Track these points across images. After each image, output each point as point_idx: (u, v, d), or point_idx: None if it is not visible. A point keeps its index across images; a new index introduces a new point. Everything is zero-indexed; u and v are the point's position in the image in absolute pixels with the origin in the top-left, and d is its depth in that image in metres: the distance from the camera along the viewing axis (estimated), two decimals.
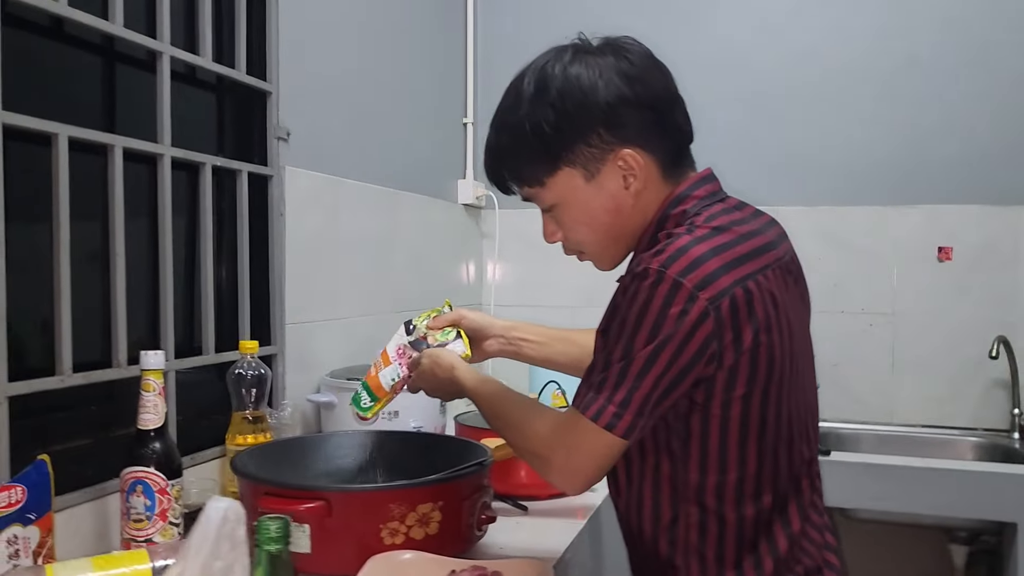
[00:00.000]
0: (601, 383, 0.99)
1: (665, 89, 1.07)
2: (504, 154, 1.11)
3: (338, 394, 1.69)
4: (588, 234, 1.11)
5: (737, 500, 1.02)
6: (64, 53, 1.31)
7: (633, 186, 1.06)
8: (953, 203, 2.45)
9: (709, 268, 0.95)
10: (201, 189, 1.51)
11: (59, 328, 1.20)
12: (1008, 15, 2.40)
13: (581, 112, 1.03)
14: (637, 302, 0.97)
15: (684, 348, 0.95)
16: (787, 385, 1.03)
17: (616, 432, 0.97)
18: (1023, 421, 2.36)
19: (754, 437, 1.01)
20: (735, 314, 0.96)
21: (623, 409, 0.97)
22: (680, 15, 2.63)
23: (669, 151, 1.08)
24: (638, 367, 0.96)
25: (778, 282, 1.03)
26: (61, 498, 1.13)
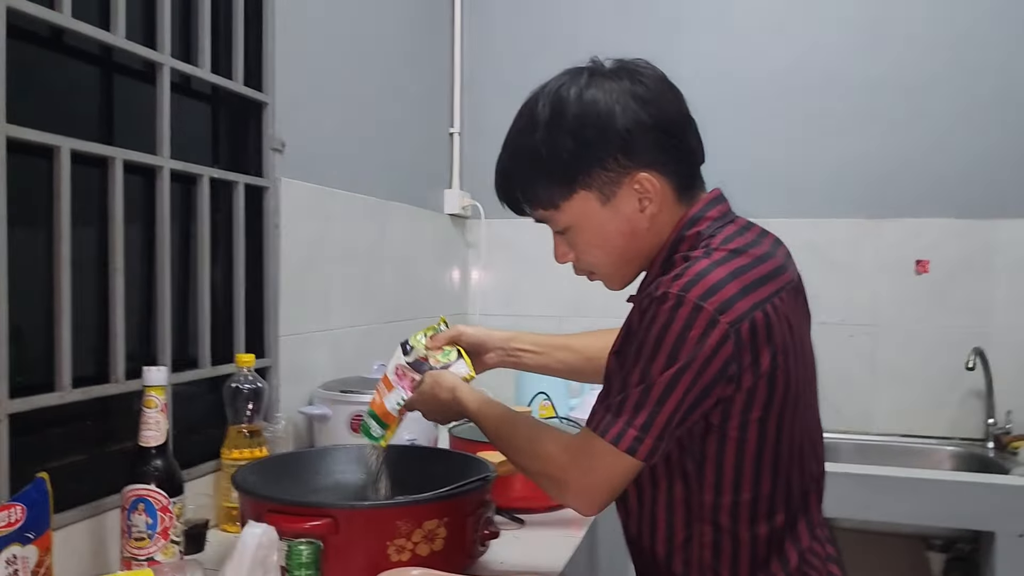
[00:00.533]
0: (620, 406, 0.99)
1: (679, 112, 1.08)
2: (519, 177, 1.11)
3: (331, 406, 1.69)
4: (602, 256, 1.12)
5: (751, 519, 1.03)
6: (63, 64, 1.29)
7: (648, 209, 1.06)
8: (931, 216, 2.50)
9: (729, 292, 0.97)
10: (198, 201, 1.50)
11: (59, 343, 1.19)
12: (984, 35, 2.46)
13: (598, 137, 1.03)
14: (656, 325, 0.97)
15: (704, 371, 0.96)
16: (801, 405, 1.05)
17: (637, 456, 0.98)
18: (998, 431, 2.41)
19: (769, 458, 1.03)
20: (754, 337, 0.97)
21: (644, 433, 0.97)
22: (663, 31, 2.66)
23: (683, 174, 1.09)
24: (659, 391, 0.97)
25: (791, 304, 1.04)
26: (58, 516, 1.12)
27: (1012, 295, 2.45)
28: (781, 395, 1.01)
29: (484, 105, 2.81)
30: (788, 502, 1.05)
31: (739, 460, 1.02)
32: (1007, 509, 2.01)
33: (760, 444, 1.02)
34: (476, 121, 2.81)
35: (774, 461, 1.03)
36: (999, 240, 2.46)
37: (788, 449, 1.04)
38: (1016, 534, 2.00)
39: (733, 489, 1.03)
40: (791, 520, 1.06)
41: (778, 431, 1.02)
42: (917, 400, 2.52)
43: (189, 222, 1.53)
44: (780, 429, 1.02)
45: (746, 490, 1.03)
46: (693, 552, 1.06)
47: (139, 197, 1.40)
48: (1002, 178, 2.45)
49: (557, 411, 1.96)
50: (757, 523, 1.04)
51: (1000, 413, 2.42)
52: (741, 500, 1.03)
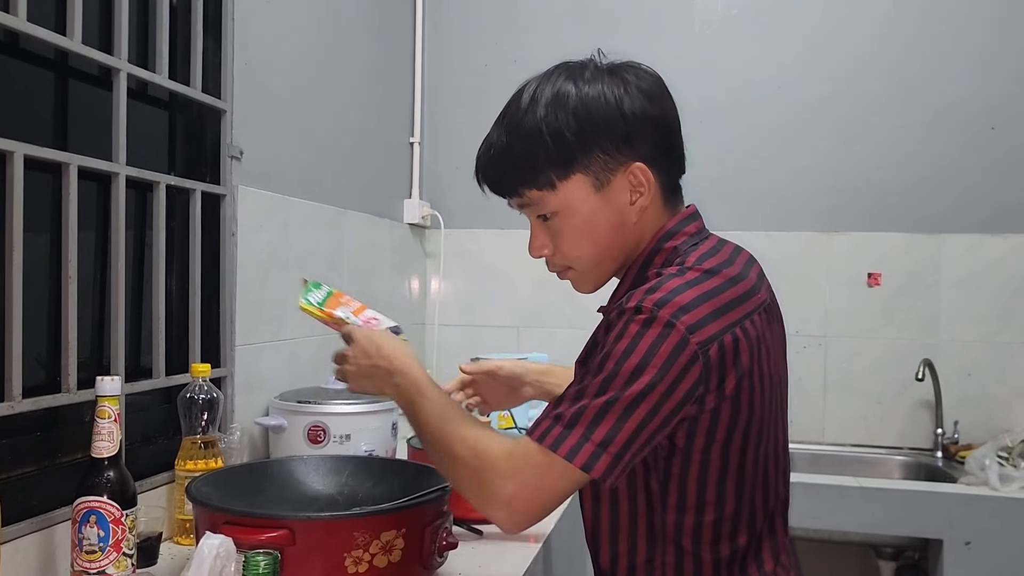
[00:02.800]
0: (575, 418, 0.94)
1: (675, 115, 1.10)
2: (517, 154, 1.07)
3: (287, 417, 1.67)
4: (586, 247, 1.09)
5: (714, 541, 1.02)
6: (18, 68, 1.27)
7: (639, 202, 1.06)
8: (881, 231, 2.56)
9: (701, 313, 0.95)
10: (154, 208, 1.48)
11: (10, 352, 1.16)
12: (933, 55, 2.53)
13: (604, 120, 1.03)
14: (625, 338, 0.94)
15: (672, 392, 0.93)
16: (767, 427, 1.03)
17: (593, 473, 0.93)
18: (946, 441, 2.47)
19: (733, 479, 1.01)
20: (722, 360, 0.95)
21: (602, 449, 0.93)
22: (619, 43, 2.66)
23: (672, 176, 1.10)
24: (621, 407, 0.93)
25: (763, 326, 1.02)
26: (7, 529, 1.09)
27: (959, 308, 2.51)
28: (746, 418, 0.99)
29: (444, 115, 2.82)
30: (752, 524, 1.04)
31: (702, 481, 1.00)
32: (954, 517, 2.06)
33: (723, 464, 1.00)
34: (436, 131, 2.81)
35: (738, 483, 1.02)
36: (947, 254, 2.53)
37: (753, 471, 1.03)
38: (963, 541, 2.05)
39: (696, 510, 1.01)
40: (755, 542, 1.05)
41: (742, 452, 1.01)
42: (867, 410, 2.58)
43: (144, 230, 1.51)
44: (744, 451, 1.01)
45: (710, 511, 1.01)
46: (655, 572, 1.05)
47: (94, 204, 1.38)
48: (949, 194, 2.52)
49: (516, 422, 1.96)
50: (720, 544, 1.02)
51: (948, 423, 2.48)
52: (704, 521, 1.01)
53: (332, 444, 1.64)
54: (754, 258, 1.13)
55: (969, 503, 2.06)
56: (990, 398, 2.49)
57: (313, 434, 1.65)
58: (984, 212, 2.50)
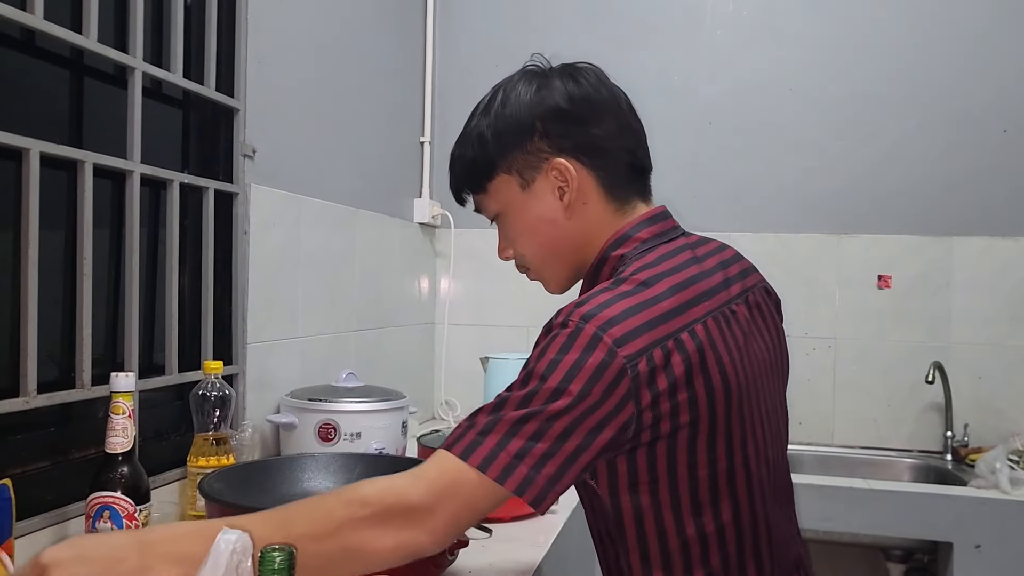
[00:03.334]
0: (490, 426, 0.88)
1: (611, 110, 1.07)
2: (455, 162, 1.14)
3: (298, 415, 1.68)
4: (527, 246, 1.11)
5: (687, 564, 0.97)
6: (34, 66, 1.28)
7: (567, 198, 1.05)
8: (893, 233, 2.56)
9: (630, 326, 0.90)
10: (168, 206, 1.49)
11: (25, 348, 1.17)
12: (949, 58, 2.52)
13: (519, 119, 1.05)
14: (550, 352, 0.90)
15: (597, 408, 0.87)
16: (735, 437, 0.96)
17: (507, 486, 0.86)
18: (956, 443, 2.46)
19: (706, 495, 0.96)
20: (652, 374, 0.89)
21: (518, 461, 0.86)
22: (629, 44, 2.69)
23: (613, 172, 1.06)
24: (542, 420, 0.87)
25: (716, 331, 0.96)
26: (21, 523, 1.10)
27: (970, 311, 2.51)
28: (705, 429, 0.93)
29: (454, 115, 2.80)
30: (724, 546, 0.98)
31: (676, 500, 0.96)
32: (964, 520, 2.05)
33: (693, 482, 0.94)
34: (446, 131, 2.82)
35: (712, 498, 0.96)
36: (958, 257, 2.52)
37: (727, 485, 0.96)
38: (973, 545, 2.04)
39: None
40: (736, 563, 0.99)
41: (711, 466, 0.95)
42: (877, 413, 2.57)
43: (158, 227, 1.52)
44: (714, 465, 0.95)
45: (688, 527, 0.96)
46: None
47: (108, 202, 1.39)
48: (961, 196, 2.52)
49: None
50: (696, 567, 0.97)
51: (958, 426, 2.48)
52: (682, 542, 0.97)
53: (343, 442, 1.65)
54: (732, 259, 1.09)
55: (979, 506, 2.05)
56: (1000, 401, 2.48)
57: (324, 432, 1.65)
58: (996, 215, 2.49)
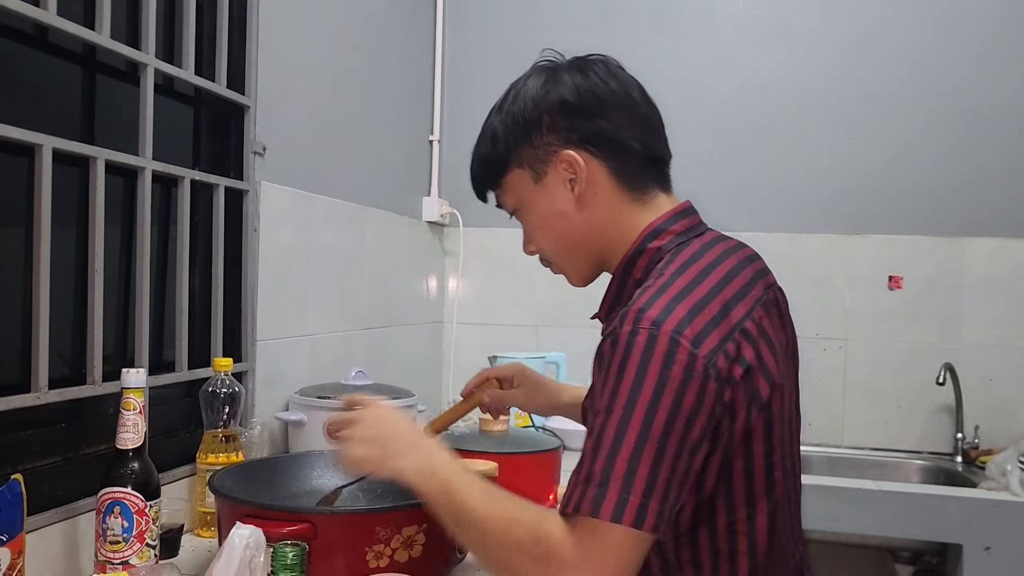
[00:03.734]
0: (606, 472, 0.85)
1: (620, 101, 1.06)
2: (473, 160, 1.16)
3: (307, 412, 1.68)
4: (544, 239, 1.12)
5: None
6: (46, 62, 1.28)
7: (578, 189, 1.05)
8: (904, 233, 2.55)
9: (700, 323, 0.90)
10: (178, 203, 1.49)
11: (37, 344, 1.17)
12: (961, 58, 2.51)
13: (526, 114, 1.06)
14: (630, 368, 0.87)
15: (696, 416, 0.87)
16: (784, 429, 0.99)
17: (645, 527, 0.84)
18: (966, 445, 2.45)
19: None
20: (731, 367, 0.90)
21: (647, 499, 0.84)
22: (642, 42, 2.69)
23: (624, 162, 1.06)
24: (653, 447, 0.85)
25: (764, 322, 0.98)
26: (32, 518, 1.10)
27: (982, 312, 2.50)
28: (764, 418, 0.94)
29: (464, 113, 2.82)
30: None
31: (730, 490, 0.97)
32: (974, 522, 2.04)
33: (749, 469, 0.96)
34: (455, 129, 2.82)
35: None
36: (970, 257, 2.51)
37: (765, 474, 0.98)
38: (983, 547, 2.03)
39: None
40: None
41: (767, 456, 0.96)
42: (887, 414, 2.56)
43: (169, 224, 1.52)
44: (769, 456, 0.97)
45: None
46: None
47: (120, 198, 1.39)
48: (973, 197, 2.50)
49: (533, 420, 1.96)
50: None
51: (968, 428, 2.47)
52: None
53: None
54: (754, 256, 1.09)
55: (990, 508, 2.04)
56: (1012, 403, 2.47)
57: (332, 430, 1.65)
58: (1008, 215, 2.48)
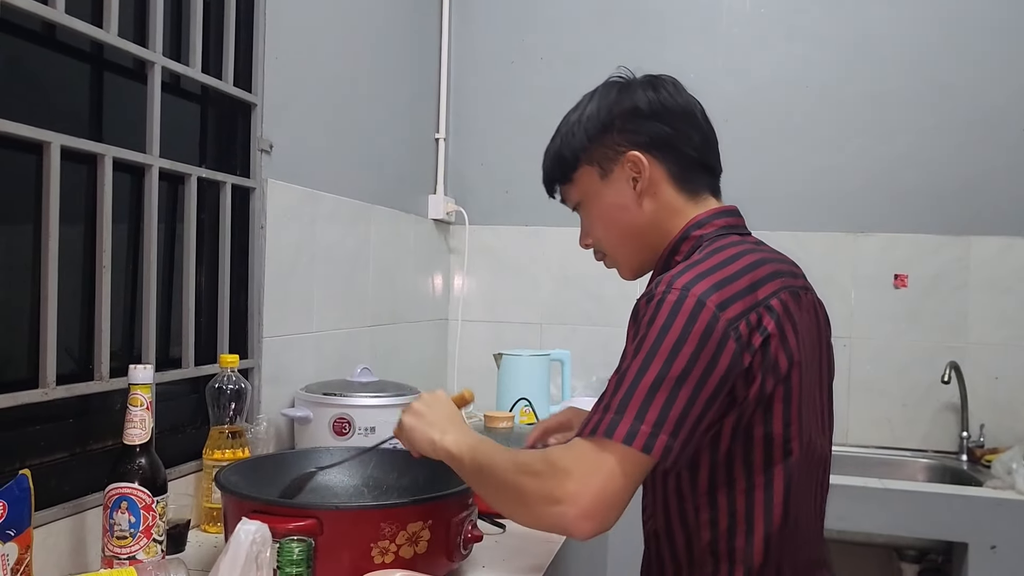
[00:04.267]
0: (624, 404, 0.96)
1: (683, 114, 1.19)
2: (546, 156, 1.26)
3: (313, 408, 1.69)
4: (603, 230, 1.22)
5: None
6: (54, 60, 1.29)
7: (639, 186, 1.16)
8: (909, 232, 2.55)
9: (727, 293, 1.00)
10: (186, 200, 1.50)
11: (45, 340, 1.18)
12: (967, 57, 2.51)
13: (600, 117, 1.19)
14: (659, 319, 0.98)
15: (714, 366, 0.96)
16: (806, 403, 1.07)
17: (652, 453, 0.94)
18: (972, 444, 2.45)
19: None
20: (751, 335, 1.00)
21: (658, 429, 0.94)
22: (646, 41, 2.69)
23: (682, 167, 1.18)
24: (669, 386, 0.95)
25: (793, 304, 1.08)
26: (39, 513, 1.11)
27: (987, 311, 2.49)
28: (782, 392, 1.03)
29: (469, 112, 2.82)
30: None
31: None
32: (980, 521, 2.04)
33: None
34: (461, 127, 2.82)
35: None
36: (975, 256, 2.50)
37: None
38: (988, 546, 2.03)
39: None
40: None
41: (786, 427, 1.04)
42: (892, 413, 2.56)
43: (176, 221, 1.53)
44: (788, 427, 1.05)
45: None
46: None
47: (127, 195, 1.40)
48: (979, 196, 2.50)
49: (539, 417, 1.97)
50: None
51: (974, 427, 2.46)
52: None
53: (357, 436, 1.65)
54: (794, 265, 1.20)
55: (995, 507, 2.04)
56: (1017, 402, 2.47)
57: (338, 426, 1.66)
58: (1013, 214, 2.48)
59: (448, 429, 1.16)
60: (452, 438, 1.14)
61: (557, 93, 2.75)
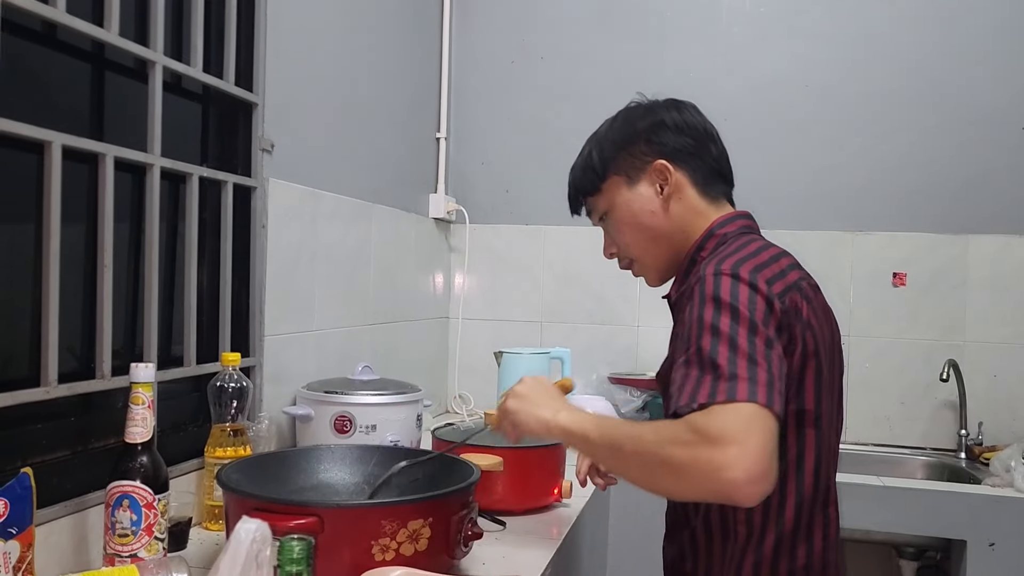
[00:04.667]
0: (731, 371, 0.97)
1: (703, 131, 1.30)
2: (575, 170, 1.35)
3: (314, 407, 1.69)
4: (631, 235, 1.30)
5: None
6: (55, 59, 1.30)
7: (666, 191, 1.26)
8: (908, 231, 2.55)
9: (768, 274, 1.09)
10: (187, 199, 1.50)
11: (46, 338, 1.18)
12: (966, 57, 2.51)
13: (628, 132, 1.29)
14: (722, 292, 1.04)
15: (769, 323, 1.04)
16: (826, 382, 1.15)
17: (774, 408, 0.96)
18: (970, 442, 2.46)
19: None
20: (792, 310, 1.09)
21: (770, 388, 0.96)
22: (645, 41, 2.69)
23: (702, 174, 1.28)
24: (760, 347, 0.99)
25: (811, 292, 1.16)
26: (41, 511, 1.12)
27: (986, 309, 2.50)
28: (814, 367, 1.12)
29: (470, 111, 2.83)
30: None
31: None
32: (978, 518, 2.05)
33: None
34: (462, 127, 2.83)
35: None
36: (974, 255, 2.51)
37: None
38: (987, 543, 2.04)
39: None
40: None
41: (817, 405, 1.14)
42: (890, 410, 2.57)
43: (177, 220, 1.53)
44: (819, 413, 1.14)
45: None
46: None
47: (128, 194, 1.40)
48: (977, 194, 2.51)
49: None
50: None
51: (972, 424, 2.47)
52: None
53: (358, 434, 1.66)
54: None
55: (994, 504, 2.04)
56: (1015, 400, 2.48)
57: (339, 424, 1.67)
58: (1012, 213, 2.48)
59: (560, 408, 1.18)
60: (567, 415, 1.16)
61: (557, 92, 2.79)
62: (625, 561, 2.11)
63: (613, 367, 2.66)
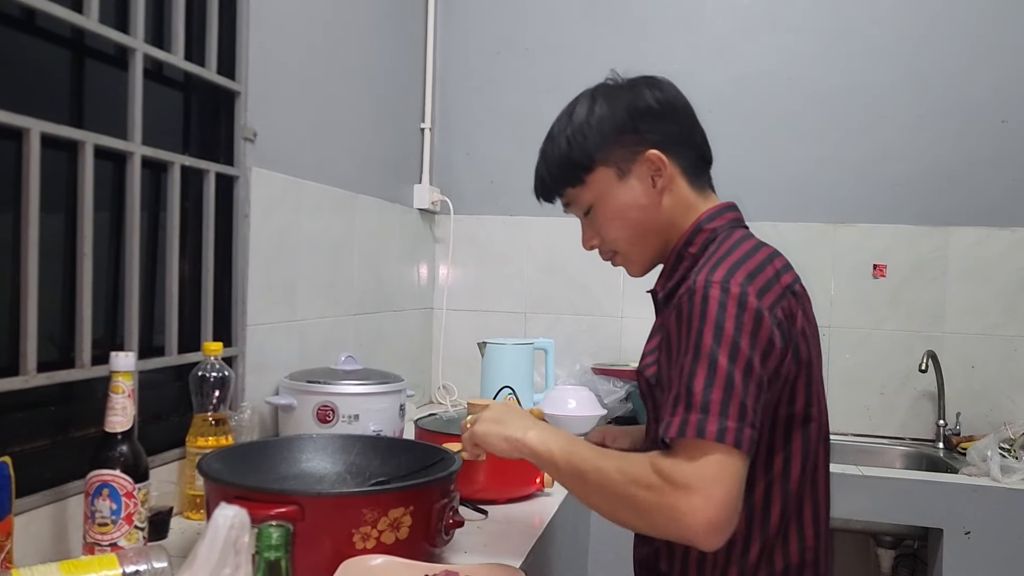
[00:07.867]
0: (705, 403, 0.96)
1: (685, 110, 1.24)
2: (548, 162, 1.25)
3: (297, 396, 1.69)
4: (620, 229, 1.23)
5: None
6: (34, 46, 1.28)
7: (659, 183, 1.19)
8: (889, 222, 2.57)
9: (760, 282, 1.05)
10: (168, 188, 1.50)
11: (25, 327, 1.18)
12: (947, 50, 2.53)
13: (614, 118, 1.20)
14: (710, 313, 1.01)
15: (769, 354, 1.01)
16: (816, 389, 1.15)
17: (743, 448, 0.95)
18: (948, 432, 2.48)
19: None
20: (785, 318, 1.06)
21: (742, 423, 0.95)
22: (630, 32, 2.70)
23: (691, 161, 1.22)
24: (739, 377, 0.97)
25: (804, 296, 1.15)
26: (20, 501, 1.11)
27: (965, 300, 2.52)
28: (805, 376, 1.10)
29: (455, 102, 2.82)
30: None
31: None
32: (955, 507, 2.07)
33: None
34: (447, 117, 2.82)
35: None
36: (953, 246, 2.53)
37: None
38: (963, 531, 2.06)
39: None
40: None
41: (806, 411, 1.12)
42: (870, 401, 2.59)
43: (159, 209, 1.53)
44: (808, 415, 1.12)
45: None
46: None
47: (109, 183, 1.40)
48: (957, 186, 2.53)
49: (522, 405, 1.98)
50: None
51: (950, 415, 2.50)
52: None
53: (341, 424, 1.66)
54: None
55: (970, 493, 2.07)
56: (993, 390, 2.50)
57: (322, 414, 1.67)
58: (992, 205, 2.51)
59: (529, 427, 1.15)
60: (535, 435, 1.14)
61: (542, 84, 2.79)
62: (607, 550, 2.12)
63: (596, 358, 2.67)
